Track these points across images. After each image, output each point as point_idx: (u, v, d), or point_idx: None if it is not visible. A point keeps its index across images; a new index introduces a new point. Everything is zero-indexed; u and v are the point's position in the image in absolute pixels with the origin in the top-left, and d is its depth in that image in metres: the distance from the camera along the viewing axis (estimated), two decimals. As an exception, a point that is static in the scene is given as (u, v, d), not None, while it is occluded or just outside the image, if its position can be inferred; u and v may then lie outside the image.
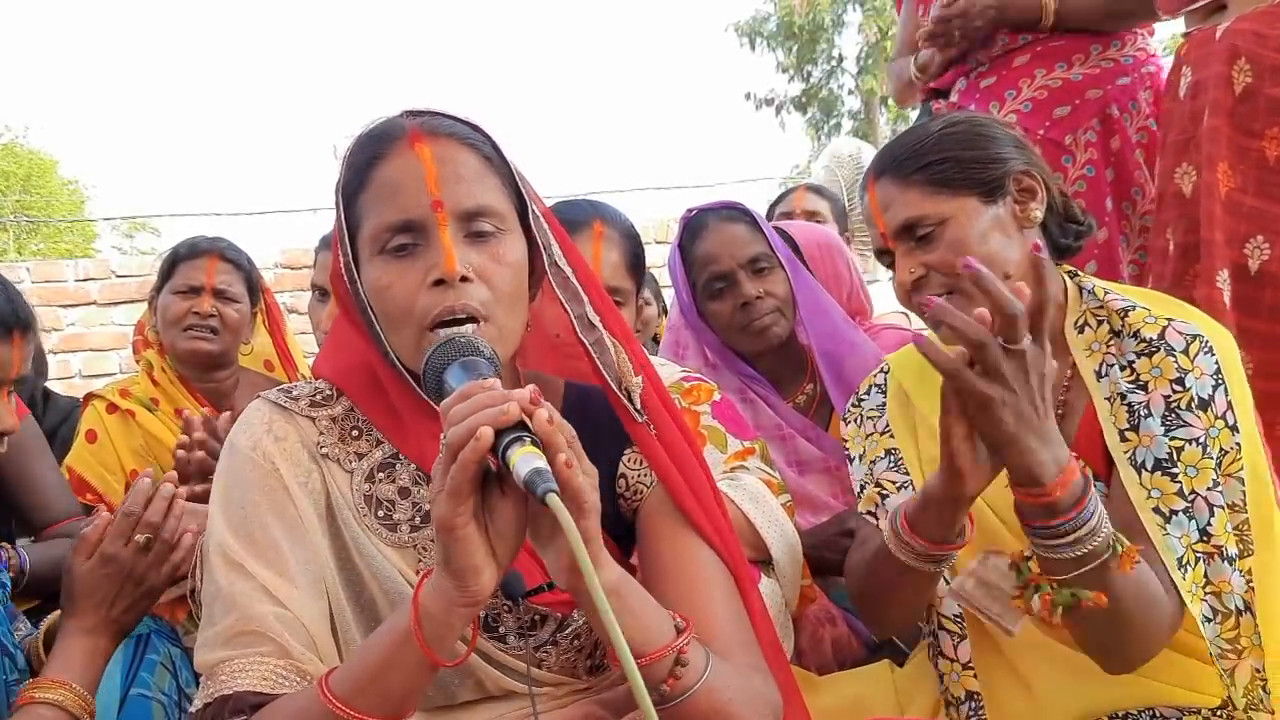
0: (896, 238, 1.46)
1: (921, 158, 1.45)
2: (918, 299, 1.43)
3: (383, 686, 0.99)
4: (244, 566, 1.10)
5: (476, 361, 1.02)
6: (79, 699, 1.37)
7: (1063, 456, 1.14)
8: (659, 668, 1.01)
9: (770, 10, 24.39)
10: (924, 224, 1.43)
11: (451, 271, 1.08)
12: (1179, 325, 1.37)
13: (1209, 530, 1.28)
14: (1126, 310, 1.41)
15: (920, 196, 1.44)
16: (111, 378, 6.08)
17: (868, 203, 1.49)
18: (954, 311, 1.12)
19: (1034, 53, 2.40)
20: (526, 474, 0.88)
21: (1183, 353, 1.35)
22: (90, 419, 2.51)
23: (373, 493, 1.17)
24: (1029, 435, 1.12)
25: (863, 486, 1.52)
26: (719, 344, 2.20)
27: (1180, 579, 1.25)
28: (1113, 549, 1.15)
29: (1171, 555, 1.26)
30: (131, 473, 2.42)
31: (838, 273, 2.63)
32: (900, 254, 1.45)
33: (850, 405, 1.59)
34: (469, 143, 1.15)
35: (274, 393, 1.21)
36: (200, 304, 2.51)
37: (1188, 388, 1.33)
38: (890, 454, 1.49)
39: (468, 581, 0.94)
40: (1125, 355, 1.39)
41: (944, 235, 1.42)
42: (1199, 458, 1.30)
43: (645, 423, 1.17)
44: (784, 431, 2.14)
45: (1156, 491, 1.30)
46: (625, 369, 1.17)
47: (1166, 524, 1.29)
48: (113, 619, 1.45)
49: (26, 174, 24.47)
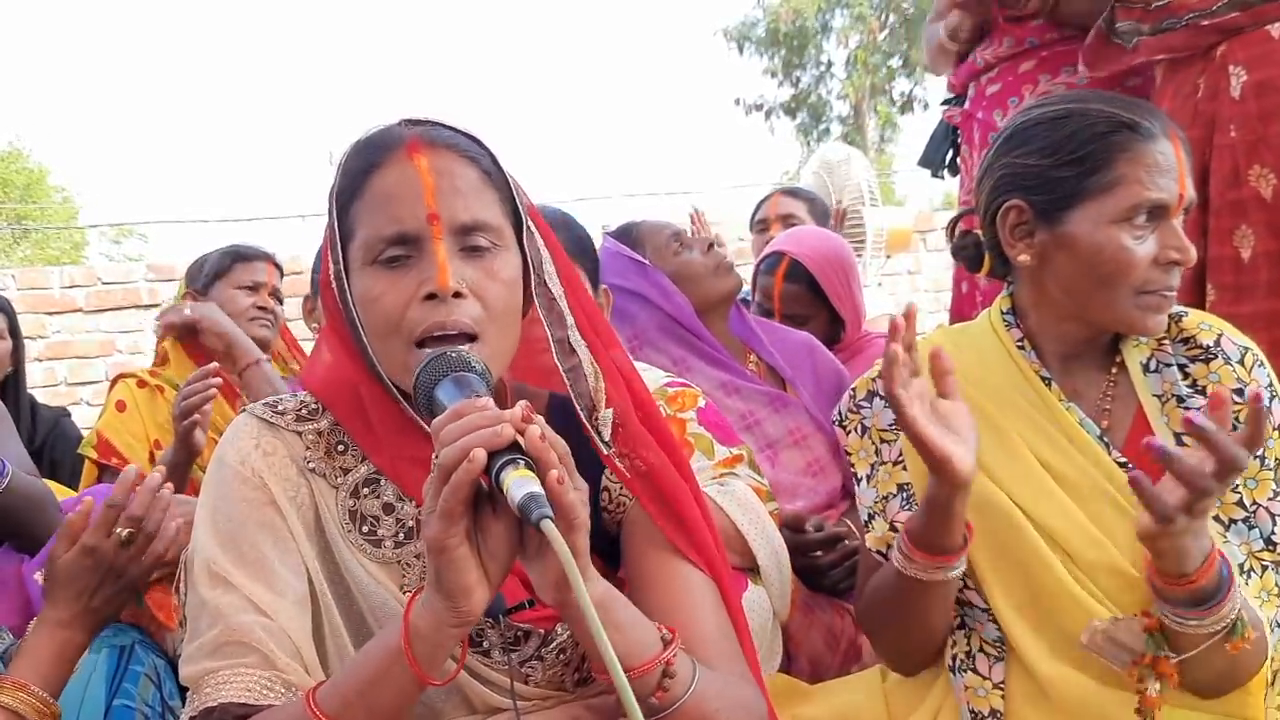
0: (1185, 209, 1.38)
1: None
2: (1168, 284, 1.37)
3: (370, 703, 0.99)
4: (229, 580, 1.10)
5: (468, 378, 1.01)
6: (38, 704, 1.35)
7: (1206, 547, 1.19)
8: (647, 680, 1.02)
9: (759, 15, 24.47)
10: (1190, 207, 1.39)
11: (444, 286, 1.07)
12: (1231, 337, 1.38)
13: (1274, 538, 1.30)
14: (1179, 315, 1.42)
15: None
16: (98, 386, 6.06)
17: (1172, 151, 1.37)
18: (1215, 431, 1.15)
19: (1040, 58, 2.37)
20: (521, 499, 0.88)
21: (1239, 363, 1.36)
22: (121, 391, 2.72)
23: (357, 508, 1.16)
24: (1194, 531, 1.17)
25: (872, 516, 1.47)
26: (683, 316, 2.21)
27: (1243, 585, 1.27)
28: (1238, 625, 1.20)
29: (1232, 563, 1.27)
30: (154, 443, 2.64)
31: (850, 291, 2.66)
32: (1179, 227, 1.37)
33: (847, 411, 1.53)
34: (468, 155, 1.14)
35: (260, 407, 1.20)
36: (262, 299, 2.83)
37: (1245, 400, 1.32)
38: (903, 490, 1.45)
39: (459, 602, 0.94)
40: (1177, 358, 1.39)
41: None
42: (1258, 469, 1.32)
43: (612, 454, 1.16)
44: (749, 420, 2.17)
45: (1218, 501, 1.29)
46: (599, 398, 1.16)
47: (1226, 531, 1.31)
48: (91, 609, 1.44)
49: (26, 183, 24.50)
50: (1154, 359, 1.41)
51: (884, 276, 5.92)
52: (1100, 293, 1.36)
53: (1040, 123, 1.42)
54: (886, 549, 1.44)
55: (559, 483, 0.90)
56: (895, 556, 1.31)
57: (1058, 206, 1.38)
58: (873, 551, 1.47)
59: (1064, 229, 1.38)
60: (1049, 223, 1.39)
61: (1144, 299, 1.35)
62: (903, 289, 7.36)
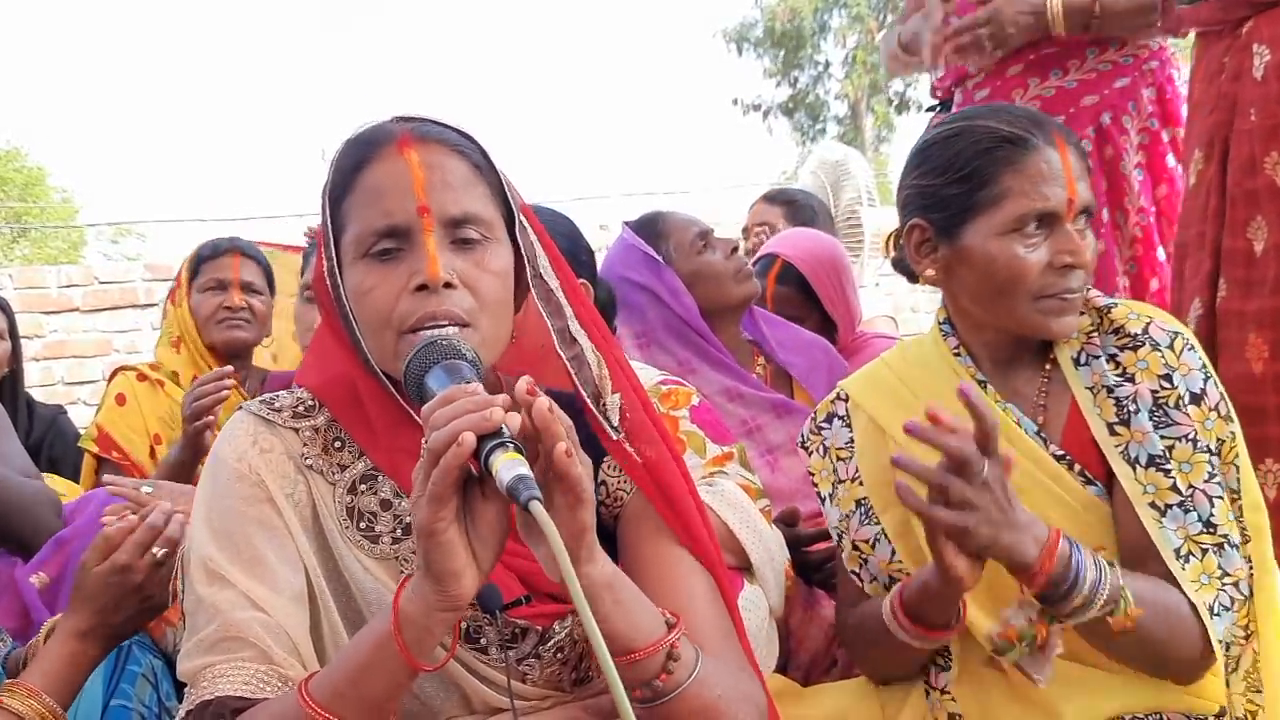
0: (1080, 212, 1.42)
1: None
2: (1067, 286, 1.40)
3: (362, 691, 0.99)
4: (226, 577, 1.10)
5: (459, 365, 1.02)
6: (44, 712, 1.36)
7: (1041, 533, 1.22)
8: (652, 663, 1.03)
9: (757, 16, 24.48)
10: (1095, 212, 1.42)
11: (435, 277, 1.08)
12: (1160, 323, 1.41)
13: (1213, 521, 1.32)
14: (1108, 307, 1.44)
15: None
16: (95, 385, 6.04)
17: (1058, 158, 1.40)
18: (913, 463, 1.22)
19: (1027, 61, 2.34)
20: (510, 480, 0.88)
21: (1168, 348, 1.38)
22: (120, 384, 2.71)
23: (355, 504, 1.16)
24: (1004, 532, 1.20)
25: (840, 535, 1.52)
26: (693, 318, 2.21)
27: (1179, 570, 1.29)
28: (1120, 603, 1.22)
29: (1168, 547, 1.30)
30: (154, 437, 2.64)
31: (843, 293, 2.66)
32: (1072, 230, 1.40)
33: (809, 433, 1.58)
34: (458, 150, 1.14)
35: (256, 404, 1.20)
36: (230, 298, 2.70)
37: (1175, 385, 1.36)
38: (860, 505, 1.49)
39: (448, 586, 0.94)
40: (1106, 349, 1.42)
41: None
42: (1191, 453, 1.34)
43: (621, 439, 1.17)
44: (751, 425, 2.16)
45: (1151, 487, 1.34)
46: (604, 385, 1.17)
47: (1162, 518, 1.32)
48: (110, 624, 1.44)
49: (25, 181, 24.52)
50: (1084, 352, 1.44)
51: (881, 277, 5.92)
52: (1001, 301, 1.42)
53: (935, 143, 1.48)
54: (858, 568, 1.49)
55: (567, 455, 0.91)
56: (886, 618, 1.34)
57: (953, 223, 1.44)
58: (850, 572, 1.50)
59: (960, 244, 1.43)
60: (947, 239, 1.45)
61: (1043, 304, 1.40)
62: (900, 289, 7.35)
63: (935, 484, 1.20)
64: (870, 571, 1.48)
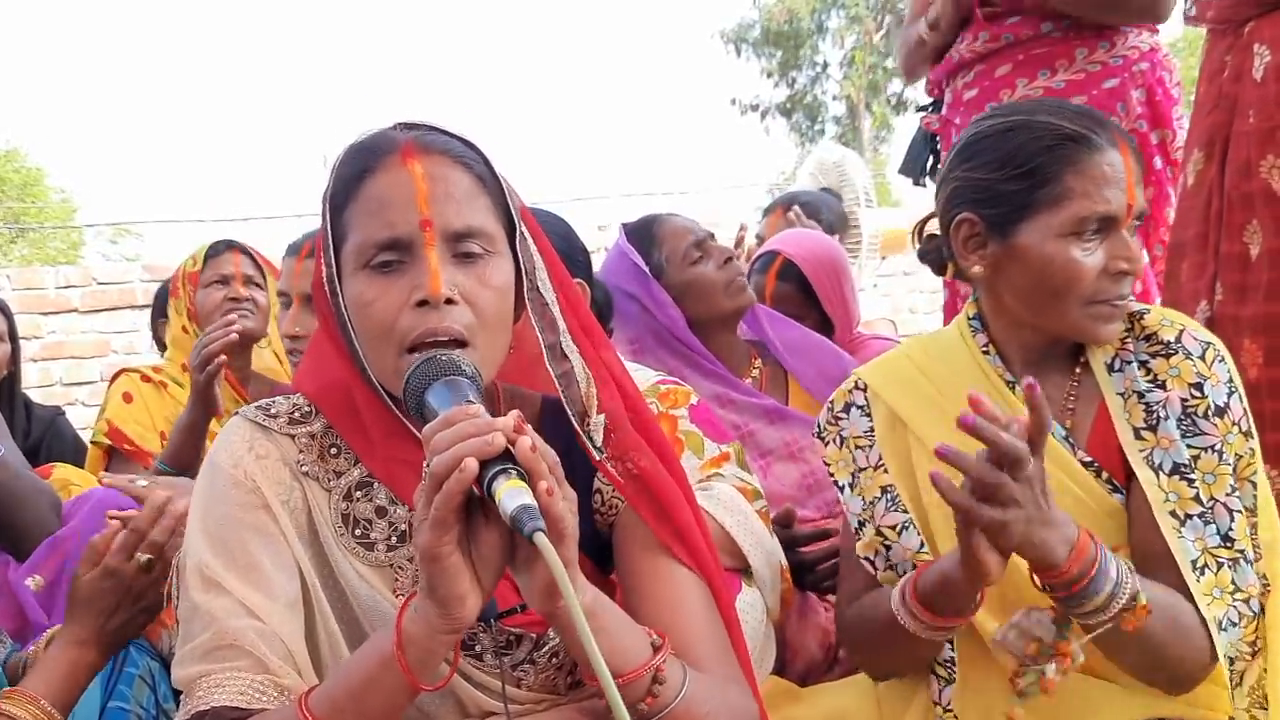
0: (1139, 218, 1.40)
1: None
2: (1119, 293, 1.38)
3: (362, 708, 0.99)
4: (221, 584, 1.10)
5: (459, 382, 1.01)
6: (45, 718, 1.36)
7: (1071, 534, 1.19)
8: (637, 687, 1.02)
9: (755, 17, 24.49)
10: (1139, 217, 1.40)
11: (436, 293, 1.07)
12: (1193, 332, 1.40)
13: (1231, 535, 1.31)
14: (1142, 313, 1.43)
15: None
16: (93, 386, 6.04)
17: (1120, 161, 1.37)
18: (963, 457, 1.16)
19: (1016, 60, 2.32)
20: (513, 510, 0.89)
21: (1200, 358, 1.37)
22: (125, 384, 2.74)
23: (350, 511, 1.16)
24: (1038, 530, 1.17)
25: (861, 524, 1.48)
26: (681, 329, 2.21)
27: (1194, 582, 1.28)
28: (1132, 602, 1.20)
29: (1185, 558, 1.29)
30: (162, 435, 2.62)
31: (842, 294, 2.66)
32: (1129, 237, 1.39)
33: (825, 423, 1.55)
34: (462, 161, 1.13)
35: (252, 410, 1.20)
36: (233, 290, 2.77)
37: (1205, 394, 1.35)
38: (886, 492, 1.46)
39: (452, 609, 0.95)
40: (1138, 355, 1.41)
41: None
42: (1215, 464, 1.33)
43: (604, 459, 1.16)
44: (743, 431, 2.16)
45: (1174, 495, 1.32)
46: (591, 404, 1.16)
47: (1181, 527, 1.31)
48: (107, 632, 1.44)
49: (23, 182, 24.52)
50: (1117, 358, 1.43)
51: (879, 278, 5.92)
52: (1051, 303, 1.39)
53: (989, 135, 1.43)
54: (874, 555, 1.45)
55: (548, 494, 0.91)
56: (897, 609, 1.31)
57: (1007, 220, 1.40)
58: (860, 558, 1.47)
59: (1014, 241, 1.39)
60: (1000, 235, 1.41)
61: (1094, 309, 1.38)
62: (899, 290, 7.37)
63: (986, 480, 1.15)
64: (890, 559, 1.44)
